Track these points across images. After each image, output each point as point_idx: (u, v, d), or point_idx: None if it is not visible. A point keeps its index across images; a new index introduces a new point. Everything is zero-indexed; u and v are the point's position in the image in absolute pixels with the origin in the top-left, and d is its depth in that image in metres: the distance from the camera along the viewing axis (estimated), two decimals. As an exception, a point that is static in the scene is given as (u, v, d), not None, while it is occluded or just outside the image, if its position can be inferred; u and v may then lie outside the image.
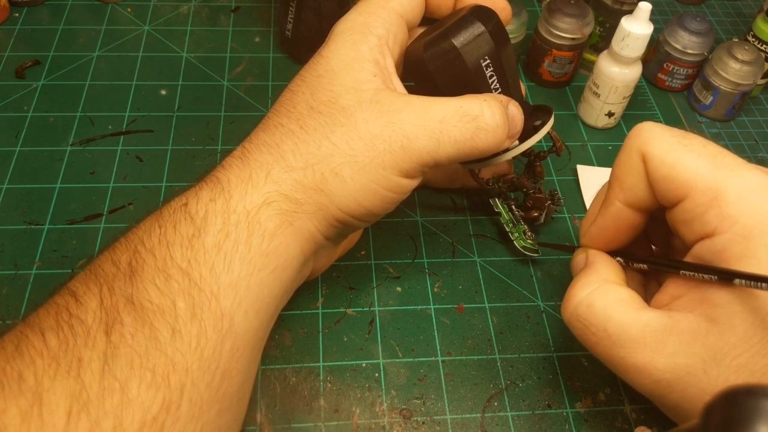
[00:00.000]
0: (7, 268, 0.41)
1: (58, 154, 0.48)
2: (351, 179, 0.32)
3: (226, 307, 0.28)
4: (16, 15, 0.58)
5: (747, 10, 0.69)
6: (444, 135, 0.32)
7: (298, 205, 0.31)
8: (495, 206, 0.45)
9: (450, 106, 0.33)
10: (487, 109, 0.33)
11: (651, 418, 0.38)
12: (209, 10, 0.61)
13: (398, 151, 0.32)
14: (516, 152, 0.38)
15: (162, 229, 0.29)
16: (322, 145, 0.32)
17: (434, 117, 0.32)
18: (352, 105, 0.32)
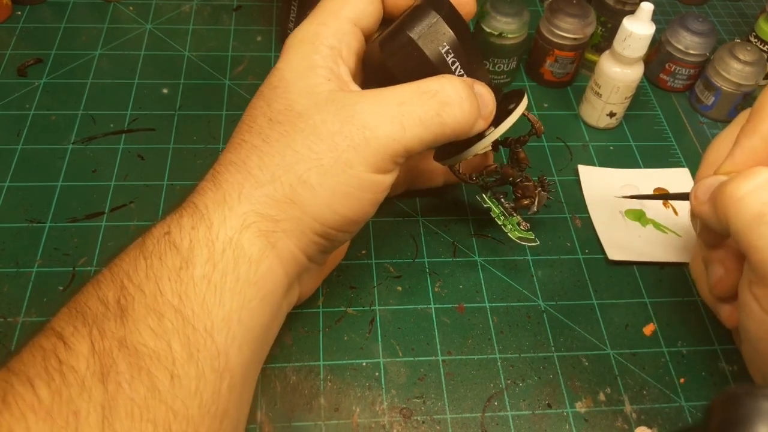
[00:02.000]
0: (8, 266, 0.42)
1: (60, 152, 0.48)
2: (320, 185, 0.30)
3: (221, 344, 0.27)
4: (19, 13, 0.58)
5: (749, 11, 0.69)
6: (407, 117, 0.31)
7: (275, 223, 0.30)
8: (483, 201, 0.43)
9: (408, 88, 0.32)
10: (447, 83, 0.32)
11: (651, 418, 0.38)
12: (211, 8, 0.61)
13: (362, 144, 0.30)
14: (492, 138, 0.37)
15: (148, 262, 0.28)
16: (286, 155, 0.31)
17: (392, 101, 0.31)
18: (308, 108, 0.31)
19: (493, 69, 0.55)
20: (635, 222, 0.48)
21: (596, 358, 0.41)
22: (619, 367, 0.40)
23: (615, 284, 0.44)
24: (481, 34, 0.54)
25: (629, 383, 0.40)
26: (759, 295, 0.30)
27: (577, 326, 0.42)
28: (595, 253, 0.46)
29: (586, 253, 0.46)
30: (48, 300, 0.40)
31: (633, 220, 0.48)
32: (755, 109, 0.34)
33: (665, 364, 0.41)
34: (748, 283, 0.31)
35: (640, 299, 0.44)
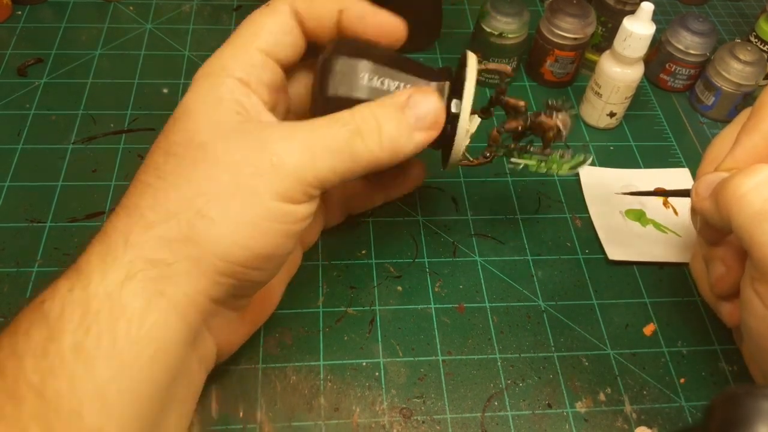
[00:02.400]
0: (8, 266, 0.42)
1: (60, 152, 0.48)
2: (221, 217, 0.27)
3: (93, 424, 0.24)
4: (19, 13, 0.58)
5: (749, 11, 0.69)
6: (317, 145, 0.29)
7: (166, 266, 0.27)
8: (516, 165, 0.40)
9: (323, 119, 0.30)
10: (361, 110, 0.31)
11: (651, 418, 0.38)
12: (211, 8, 0.61)
13: (269, 171, 0.28)
14: (465, 121, 0.34)
15: (13, 338, 0.26)
16: (183, 189, 0.28)
17: (303, 128, 0.30)
18: (211, 139, 0.29)
19: (493, 69, 0.55)
20: (635, 222, 0.48)
21: (596, 358, 0.41)
22: (619, 367, 0.40)
23: (615, 284, 0.44)
24: (481, 34, 0.54)
25: (629, 383, 0.40)
26: (761, 291, 0.30)
27: (577, 326, 0.42)
28: (595, 253, 0.46)
29: (586, 253, 0.46)
30: (48, 300, 0.40)
31: (633, 220, 0.48)
32: (756, 107, 0.34)
33: (665, 364, 0.41)
34: (751, 279, 0.31)
35: (640, 299, 0.44)
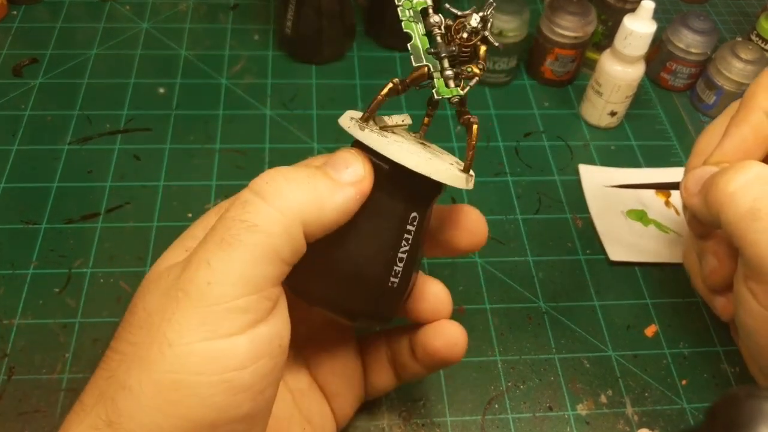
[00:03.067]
0: (4, 268, 0.41)
1: (56, 153, 0.48)
2: (141, 384, 0.22)
3: None
4: (14, 13, 0.58)
5: (751, 9, 0.68)
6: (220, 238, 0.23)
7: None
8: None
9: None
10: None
11: (653, 420, 0.38)
12: (208, 7, 0.61)
13: (175, 304, 0.22)
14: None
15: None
16: (109, 361, 0.24)
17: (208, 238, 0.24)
18: (135, 302, 0.25)
19: (492, 68, 0.55)
20: (637, 222, 0.47)
21: (597, 359, 0.40)
22: (621, 368, 0.40)
23: (616, 285, 0.44)
24: (480, 33, 0.53)
25: (631, 385, 0.39)
26: (755, 289, 0.30)
27: (579, 328, 0.42)
28: (596, 254, 0.46)
29: (587, 253, 0.46)
30: (44, 302, 0.40)
31: (635, 221, 0.48)
32: (745, 99, 0.34)
33: (667, 365, 0.41)
34: (744, 277, 0.31)
35: (641, 300, 0.43)
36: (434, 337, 0.31)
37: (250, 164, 0.48)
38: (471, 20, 0.26)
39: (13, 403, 0.36)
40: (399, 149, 0.25)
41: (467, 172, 0.27)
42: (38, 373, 0.37)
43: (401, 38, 0.26)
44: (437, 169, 0.26)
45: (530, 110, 0.55)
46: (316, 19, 0.53)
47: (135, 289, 0.40)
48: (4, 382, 0.36)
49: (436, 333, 0.31)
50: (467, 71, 0.26)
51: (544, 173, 0.50)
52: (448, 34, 0.26)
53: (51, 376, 0.37)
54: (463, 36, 0.26)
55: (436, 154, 0.28)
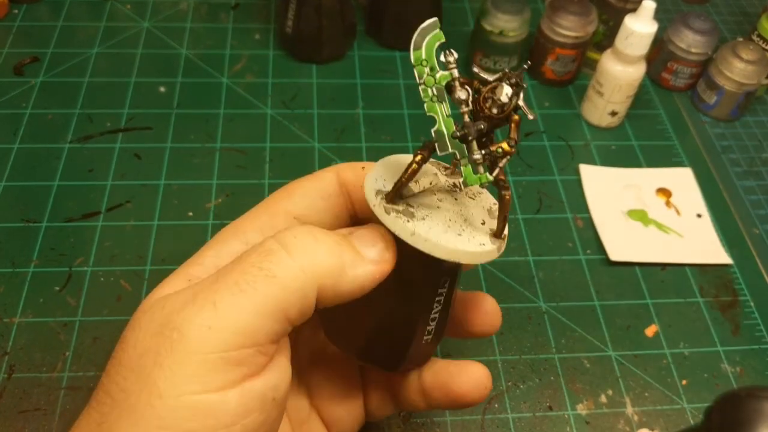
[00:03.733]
0: (4, 266, 0.41)
1: (57, 151, 0.48)
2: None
3: None
4: (15, 12, 0.58)
5: (751, 9, 0.68)
6: (220, 293, 0.22)
7: None
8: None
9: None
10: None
11: (653, 420, 0.38)
12: (209, 6, 0.61)
13: (167, 353, 0.21)
14: None
15: None
16: (99, 411, 0.22)
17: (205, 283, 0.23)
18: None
19: (493, 68, 0.55)
20: (637, 222, 0.47)
21: (598, 359, 0.40)
22: (621, 368, 0.40)
23: (617, 285, 0.44)
24: (481, 32, 0.53)
25: (631, 385, 0.39)
26: None
27: (579, 327, 0.42)
28: (596, 254, 0.46)
29: (587, 253, 0.46)
30: (44, 300, 0.40)
31: (635, 221, 0.48)
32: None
33: (667, 365, 0.40)
34: None
35: (641, 300, 0.43)
36: (462, 379, 0.29)
37: (250, 163, 0.48)
38: (501, 95, 0.23)
39: (14, 401, 0.36)
40: (425, 233, 0.24)
41: (499, 237, 0.26)
42: (38, 372, 0.37)
43: (402, 37, 0.26)
44: (465, 251, 0.25)
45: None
46: (316, 18, 0.53)
47: (135, 288, 0.41)
48: (4, 381, 0.36)
49: (464, 375, 0.29)
50: (497, 152, 0.24)
51: (544, 173, 0.50)
52: (476, 105, 0.24)
53: (51, 374, 0.37)
54: (493, 111, 0.23)
55: (467, 212, 0.27)
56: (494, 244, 0.26)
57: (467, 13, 0.63)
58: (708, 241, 0.47)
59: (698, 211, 0.49)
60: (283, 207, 0.27)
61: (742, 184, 0.52)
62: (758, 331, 0.43)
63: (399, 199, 0.25)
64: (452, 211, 0.26)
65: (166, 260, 0.42)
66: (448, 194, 0.27)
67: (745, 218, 0.49)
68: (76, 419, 0.23)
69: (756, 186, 0.52)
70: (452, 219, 0.26)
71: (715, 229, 0.48)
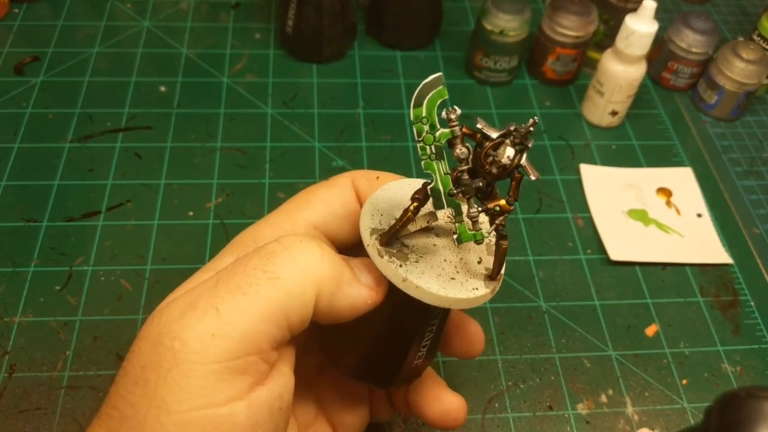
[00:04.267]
0: (4, 266, 0.41)
1: (57, 151, 0.48)
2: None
3: None
4: (16, 11, 0.58)
5: (752, 9, 0.68)
6: (221, 289, 0.22)
7: None
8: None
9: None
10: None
11: (653, 419, 0.38)
12: (209, 6, 0.61)
13: (170, 365, 0.21)
14: None
15: None
16: (110, 418, 0.22)
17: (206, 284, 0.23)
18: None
19: (493, 67, 0.55)
20: (638, 222, 0.47)
21: (598, 359, 0.40)
22: (621, 368, 0.40)
23: (617, 285, 0.44)
24: (481, 32, 0.53)
25: (631, 384, 0.39)
26: None
27: (579, 327, 0.42)
28: (597, 253, 0.46)
29: (588, 253, 0.46)
30: (45, 300, 0.40)
31: (635, 220, 0.47)
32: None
33: (667, 365, 0.40)
34: None
35: (642, 300, 0.43)
36: (434, 409, 0.30)
37: (251, 163, 0.48)
38: (503, 156, 0.22)
39: (14, 400, 0.36)
40: (416, 279, 0.24)
41: (494, 278, 0.26)
42: (39, 371, 0.37)
43: (402, 37, 0.25)
44: (456, 298, 0.24)
45: (531, 110, 0.55)
46: (317, 17, 0.53)
47: (136, 288, 0.41)
48: (4, 380, 0.36)
49: (436, 404, 0.30)
50: (495, 210, 0.23)
51: (545, 173, 0.50)
52: (477, 160, 0.23)
53: (51, 373, 0.37)
54: (493, 170, 0.23)
55: (464, 252, 0.26)
56: (488, 287, 0.25)
57: (468, 12, 0.63)
58: (708, 241, 0.47)
59: (698, 211, 0.49)
60: (303, 216, 0.27)
61: (742, 184, 0.52)
62: (758, 331, 0.43)
63: (394, 239, 0.25)
64: (448, 250, 0.26)
65: (166, 260, 0.42)
66: (446, 230, 0.27)
67: (745, 218, 0.49)
68: (76, 418, 0.23)
69: (756, 186, 0.52)
70: (447, 260, 0.26)
71: (716, 229, 0.48)
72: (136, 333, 0.39)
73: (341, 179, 0.29)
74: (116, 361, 0.38)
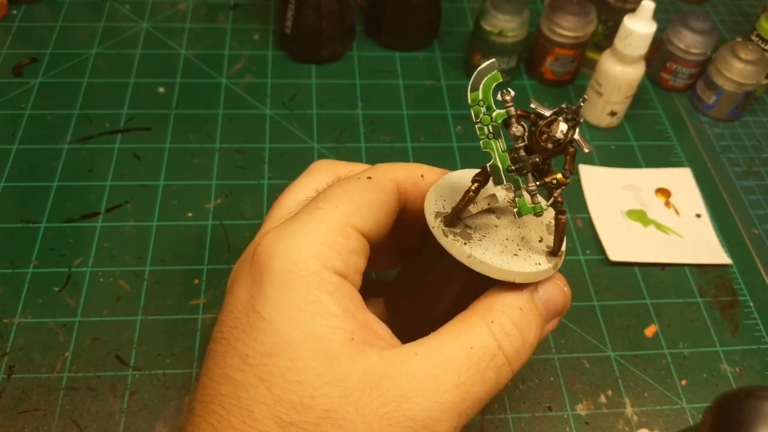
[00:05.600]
0: (3, 267, 0.41)
1: (56, 152, 0.48)
2: None
3: None
4: (14, 12, 0.58)
5: (750, 9, 0.68)
6: (467, 401, 0.24)
7: None
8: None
9: (459, 356, 0.24)
10: (503, 336, 0.25)
11: (652, 420, 0.38)
12: (208, 7, 0.61)
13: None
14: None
15: None
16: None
17: (448, 385, 0.24)
18: (339, 405, 0.22)
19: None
20: (637, 222, 0.47)
21: (597, 359, 0.40)
22: (620, 369, 0.40)
23: (616, 285, 0.44)
24: (480, 33, 0.53)
25: (630, 385, 0.39)
26: None
27: (578, 328, 0.42)
28: (596, 254, 0.46)
29: (587, 253, 0.46)
30: (43, 301, 0.40)
31: (634, 221, 0.48)
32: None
33: (667, 365, 0.40)
34: None
35: (641, 300, 0.43)
36: None
37: (249, 164, 0.48)
38: (557, 131, 0.24)
39: (13, 401, 0.36)
40: (481, 255, 0.25)
41: (555, 254, 0.27)
42: (38, 372, 0.37)
43: (401, 38, 0.26)
44: (520, 272, 0.26)
45: (531, 110, 0.55)
46: (315, 18, 0.53)
47: (135, 289, 0.41)
48: (3, 381, 0.36)
49: None
50: (552, 183, 0.25)
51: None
52: (533, 138, 0.24)
53: (50, 375, 0.37)
54: (549, 146, 0.24)
55: (525, 230, 0.27)
56: (550, 262, 0.26)
57: (466, 13, 0.63)
58: (707, 241, 0.47)
59: (697, 211, 0.49)
60: (353, 224, 0.26)
61: (741, 184, 0.52)
62: (758, 331, 0.43)
63: (457, 221, 0.26)
64: (510, 230, 0.27)
65: (165, 261, 0.42)
66: (506, 212, 0.28)
67: (744, 218, 0.49)
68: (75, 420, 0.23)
69: (755, 186, 0.52)
70: (509, 238, 0.27)
71: (715, 229, 0.48)
72: (135, 334, 0.39)
73: (386, 182, 0.28)
74: (115, 362, 0.38)
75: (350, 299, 0.25)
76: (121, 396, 0.36)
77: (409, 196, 0.29)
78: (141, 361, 0.38)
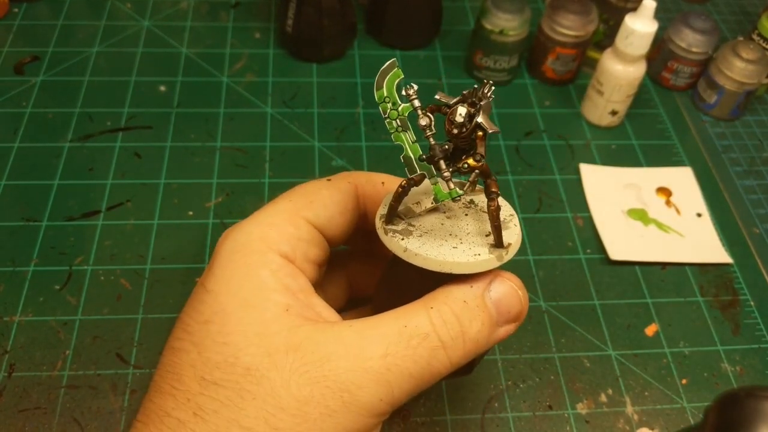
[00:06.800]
0: (4, 265, 0.41)
1: (57, 150, 0.48)
2: None
3: None
4: (16, 11, 0.58)
5: (752, 9, 0.68)
6: (393, 373, 0.24)
7: None
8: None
9: (391, 331, 0.25)
10: (440, 322, 0.25)
11: (653, 419, 0.38)
12: (209, 5, 0.61)
13: (340, 410, 0.23)
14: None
15: None
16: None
17: (375, 354, 0.24)
18: (260, 362, 0.23)
19: (493, 67, 0.55)
20: (637, 221, 0.47)
21: (598, 358, 0.40)
22: (621, 368, 0.40)
23: (617, 284, 0.44)
24: (481, 32, 0.53)
25: (631, 384, 0.39)
26: None
27: (579, 327, 0.42)
28: (596, 253, 0.46)
29: (587, 252, 0.46)
30: (44, 299, 0.40)
31: (635, 220, 0.47)
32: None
33: (667, 364, 0.40)
34: None
35: (642, 299, 0.43)
36: None
37: (251, 162, 0.48)
38: (456, 115, 0.25)
39: (14, 400, 0.36)
40: (416, 248, 0.26)
41: (500, 246, 0.26)
42: (38, 370, 0.37)
43: (402, 37, 0.26)
44: (456, 262, 0.26)
45: (531, 109, 0.55)
46: (317, 17, 0.53)
47: (135, 287, 0.41)
48: (4, 379, 0.36)
49: None
50: (463, 167, 0.25)
51: (544, 172, 0.50)
52: (445, 128, 0.25)
53: (51, 373, 0.37)
54: (454, 131, 0.25)
55: (473, 226, 0.27)
56: (492, 253, 0.26)
57: (467, 12, 0.63)
58: (708, 241, 0.47)
59: (698, 211, 0.49)
60: (304, 215, 0.28)
61: (742, 184, 0.52)
62: (758, 331, 0.43)
63: (399, 219, 0.27)
64: (456, 226, 0.27)
65: (166, 259, 0.42)
66: (459, 211, 0.28)
67: (745, 217, 0.49)
68: (76, 418, 0.23)
69: (756, 185, 0.52)
70: (453, 234, 0.27)
71: (715, 229, 0.48)
72: (135, 332, 0.39)
73: (344, 183, 0.30)
74: (116, 361, 0.38)
75: (293, 279, 0.26)
76: (122, 394, 0.36)
77: (369, 202, 0.30)
78: (142, 360, 0.38)
